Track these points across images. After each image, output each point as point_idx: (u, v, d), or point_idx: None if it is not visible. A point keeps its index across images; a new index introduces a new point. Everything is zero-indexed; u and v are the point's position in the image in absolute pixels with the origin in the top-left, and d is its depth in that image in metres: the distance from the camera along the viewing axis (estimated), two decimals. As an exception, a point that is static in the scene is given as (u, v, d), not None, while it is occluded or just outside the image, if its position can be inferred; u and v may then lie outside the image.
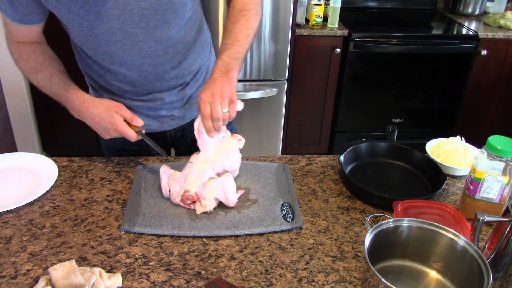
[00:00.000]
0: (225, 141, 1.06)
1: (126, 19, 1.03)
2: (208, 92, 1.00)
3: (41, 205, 1.04)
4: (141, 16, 1.04)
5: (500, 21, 2.76)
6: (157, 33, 1.09)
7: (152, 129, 1.28)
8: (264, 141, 2.77)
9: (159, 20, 1.07)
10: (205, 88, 1.01)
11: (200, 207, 1.00)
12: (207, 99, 0.99)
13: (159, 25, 1.08)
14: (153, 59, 1.13)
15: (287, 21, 2.44)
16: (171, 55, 1.16)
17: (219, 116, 0.99)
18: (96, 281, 0.81)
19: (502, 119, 2.95)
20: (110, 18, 1.02)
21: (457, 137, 1.26)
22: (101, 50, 1.09)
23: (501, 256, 0.82)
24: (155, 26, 1.07)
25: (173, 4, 1.06)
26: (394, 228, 0.82)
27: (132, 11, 1.02)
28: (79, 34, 1.05)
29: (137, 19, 1.04)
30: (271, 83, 2.60)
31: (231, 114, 1.01)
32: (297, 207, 1.04)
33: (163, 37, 1.10)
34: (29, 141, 2.70)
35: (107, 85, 1.20)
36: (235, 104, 1.01)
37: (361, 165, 1.22)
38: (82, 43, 1.09)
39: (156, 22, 1.07)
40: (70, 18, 1.01)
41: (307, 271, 0.88)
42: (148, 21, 1.05)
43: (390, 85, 2.78)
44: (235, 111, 1.02)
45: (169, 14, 1.07)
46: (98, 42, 1.06)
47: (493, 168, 0.96)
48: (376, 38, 2.61)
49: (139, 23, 1.05)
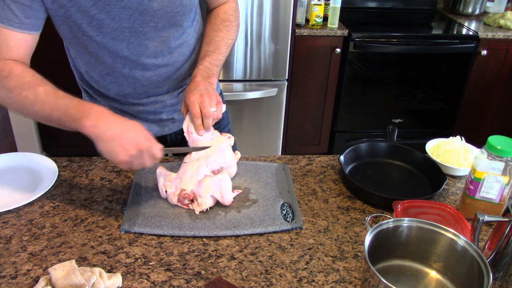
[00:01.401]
0: (214, 138, 1.08)
1: (137, 19, 1.04)
2: (196, 93, 1.03)
3: (41, 205, 1.04)
4: (152, 17, 1.05)
5: (500, 21, 2.76)
6: (164, 33, 1.10)
7: (152, 134, 1.28)
8: (264, 141, 2.77)
9: (168, 22, 1.09)
10: (191, 90, 1.05)
11: (197, 206, 1.00)
12: (196, 99, 1.03)
13: (167, 26, 1.09)
14: (157, 59, 1.13)
15: (287, 21, 2.44)
16: (176, 56, 1.17)
17: (210, 114, 1.03)
18: (96, 281, 0.81)
19: (502, 119, 2.95)
20: (121, 18, 1.02)
21: (457, 137, 1.27)
22: (105, 49, 1.08)
23: (501, 256, 0.82)
24: (163, 27, 1.09)
25: (184, 7, 1.09)
26: (394, 228, 0.82)
27: (144, 12, 1.03)
28: (84, 35, 1.03)
29: (147, 19, 1.05)
30: (271, 83, 2.60)
31: (218, 114, 1.05)
32: (297, 207, 1.04)
33: (169, 37, 1.12)
34: (29, 141, 2.70)
35: (106, 90, 1.19)
36: (221, 104, 1.07)
37: (361, 165, 1.22)
38: (85, 44, 1.06)
39: (165, 23, 1.08)
40: (78, 17, 0.99)
41: (307, 271, 0.88)
42: (158, 21, 1.07)
43: (390, 85, 2.78)
44: (222, 111, 1.07)
45: (179, 16, 1.10)
46: (105, 42, 1.05)
47: (493, 168, 0.96)
48: (376, 38, 2.61)
49: (149, 23, 1.06)
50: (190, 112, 1.04)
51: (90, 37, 1.04)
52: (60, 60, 1.20)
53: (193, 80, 1.09)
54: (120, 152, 0.90)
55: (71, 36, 1.06)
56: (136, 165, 0.94)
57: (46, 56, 1.22)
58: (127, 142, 0.91)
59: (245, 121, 2.69)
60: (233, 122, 2.67)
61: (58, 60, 1.19)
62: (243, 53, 2.50)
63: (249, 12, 2.39)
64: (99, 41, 1.05)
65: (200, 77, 1.09)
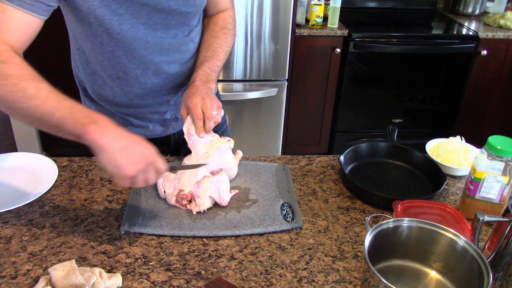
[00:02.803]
0: (214, 140, 1.09)
1: (152, 16, 1.05)
2: (198, 97, 1.05)
3: (41, 205, 1.04)
4: (167, 14, 1.06)
5: (500, 21, 2.76)
6: (174, 31, 1.12)
7: (157, 134, 1.29)
8: (264, 141, 2.77)
9: (180, 21, 1.11)
10: (192, 93, 1.07)
11: (195, 206, 1.00)
12: (198, 102, 1.04)
13: (178, 24, 1.11)
14: (168, 56, 1.14)
15: (287, 21, 2.44)
16: (183, 54, 1.18)
17: (212, 116, 1.04)
18: (96, 281, 0.81)
19: (502, 119, 2.95)
20: (138, 14, 1.03)
21: (457, 137, 1.27)
22: (123, 48, 1.07)
23: (501, 256, 0.82)
24: (175, 25, 1.10)
25: (196, 7, 1.12)
26: (394, 228, 0.82)
27: (162, 9, 1.04)
28: (104, 32, 1.02)
29: (162, 17, 1.06)
30: (271, 83, 2.60)
31: (218, 118, 1.06)
32: (297, 207, 1.04)
33: (178, 35, 1.13)
34: (29, 141, 2.70)
35: (112, 94, 1.19)
36: (221, 109, 1.08)
37: (361, 165, 1.22)
38: (103, 43, 1.05)
39: (176, 22, 1.10)
40: (101, 13, 0.99)
41: (307, 271, 0.88)
42: (171, 19, 1.08)
43: (390, 85, 2.78)
44: (221, 116, 1.08)
45: (190, 15, 1.13)
46: (125, 40, 1.05)
47: (493, 168, 0.96)
48: (376, 38, 2.61)
49: (163, 21, 1.07)
50: (192, 114, 1.04)
51: (110, 35, 1.04)
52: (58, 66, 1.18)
53: (193, 84, 1.10)
54: (128, 165, 0.84)
55: (90, 33, 1.04)
56: (140, 180, 0.87)
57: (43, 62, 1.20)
58: (135, 154, 0.85)
59: (245, 121, 2.69)
60: (233, 122, 2.68)
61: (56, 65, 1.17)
62: (243, 53, 2.50)
63: (249, 12, 2.39)
64: (119, 39, 1.05)
65: (199, 82, 1.10)
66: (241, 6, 2.36)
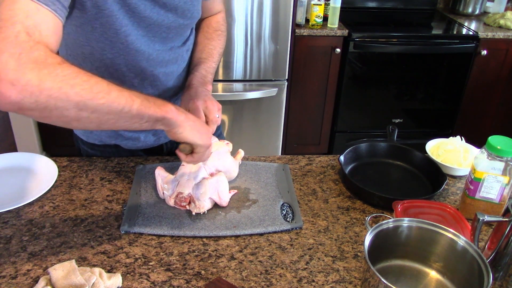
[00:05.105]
0: (213, 144, 1.08)
1: (152, 29, 1.03)
2: (200, 99, 1.04)
3: (41, 205, 1.04)
4: (166, 27, 1.05)
5: (500, 21, 2.76)
6: (171, 43, 1.11)
7: (149, 144, 1.26)
8: (264, 141, 2.77)
9: (177, 33, 1.10)
10: (192, 96, 1.06)
11: (194, 207, 1.00)
12: (201, 105, 1.03)
13: (175, 37, 1.11)
14: (166, 68, 1.14)
15: (287, 21, 2.44)
16: (179, 64, 1.17)
17: (216, 119, 1.04)
18: (96, 281, 0.81)
19: (502, 119, 2.95)
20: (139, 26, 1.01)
21: (457, 137, 1.27)
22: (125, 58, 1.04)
23: (501, 256, 0.82)
24: (172, 37, 1.10)
25: (193, 19, 1.12)
26: (394, 228, 0.82)
27: (161, 22, 1.03)
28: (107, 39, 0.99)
29: (161, 30, 1.05)
30: (271, 83, 2.60)
31: (218, 120, 1.06)
32: (297, 207, 1.04)
33: (174, 46, 1.13)
34: (29, 141, 2.70)
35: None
36: (220, 111, 1.08)
37: (361, 165, 1.22)
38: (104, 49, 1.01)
39: (174, 34, 1.10)
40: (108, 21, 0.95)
41: (307, 271, 0.88)
42: (169, 32, 1.07)
43: (390, 85, 2.78)
44: (221, 117, 1.08)
45: (187, 27, 1.13)
46: (127, 50, 1.03)
47: (493, 168, 0.96)
48: (376, 38, 2.61)
49: (162, 33, 1.06)
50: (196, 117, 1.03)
51: (113, 43, 1.00)
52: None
53: (191, 86, 1.09)
54: (207, 133, 0.95)
55: (93, 38, 0.99)
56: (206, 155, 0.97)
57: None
58: (202, 127, 0.95)
59: (245, 121, 2.69)
60: (233, 122, 2.69)
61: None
62: (243, 53, 2.50)
63: (249, 12, 2.39)
64: (122, 48, 1.02)
65: (197, 84, 1.10)
66: (241, 6, 2.36)
